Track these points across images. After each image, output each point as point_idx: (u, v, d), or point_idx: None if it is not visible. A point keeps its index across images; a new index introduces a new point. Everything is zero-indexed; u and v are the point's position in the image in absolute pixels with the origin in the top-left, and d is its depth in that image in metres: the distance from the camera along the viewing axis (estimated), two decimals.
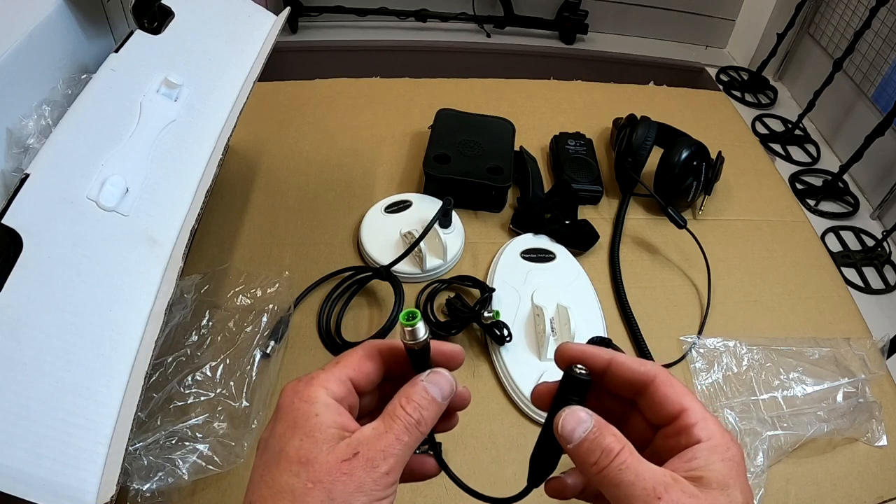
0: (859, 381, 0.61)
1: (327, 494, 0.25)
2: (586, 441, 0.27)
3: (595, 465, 0.27)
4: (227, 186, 0.77)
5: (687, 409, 0.28)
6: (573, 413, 0.28)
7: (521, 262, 0.70)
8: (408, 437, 0.27)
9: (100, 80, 0.50)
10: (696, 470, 0.26)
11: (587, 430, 0.28)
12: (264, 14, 0.67)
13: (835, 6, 1.55)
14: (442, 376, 0.30)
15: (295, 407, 0.27)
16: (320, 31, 1.79)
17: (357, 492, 0.25)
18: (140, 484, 0.47)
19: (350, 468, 0.26)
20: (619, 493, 0.26)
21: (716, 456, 0.26)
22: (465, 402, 0.32)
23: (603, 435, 0.27)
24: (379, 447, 0.26)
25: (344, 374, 0.29)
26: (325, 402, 0.27)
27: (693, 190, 0.77)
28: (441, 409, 0.29)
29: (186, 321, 0.59)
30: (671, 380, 0.29)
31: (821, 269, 0.78)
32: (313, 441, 0.26)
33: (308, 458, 0.26)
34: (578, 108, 0.99)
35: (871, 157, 1.33)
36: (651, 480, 0.25)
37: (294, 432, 0.27)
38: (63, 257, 0.42)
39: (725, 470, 0.26)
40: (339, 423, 0.27)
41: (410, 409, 0.28)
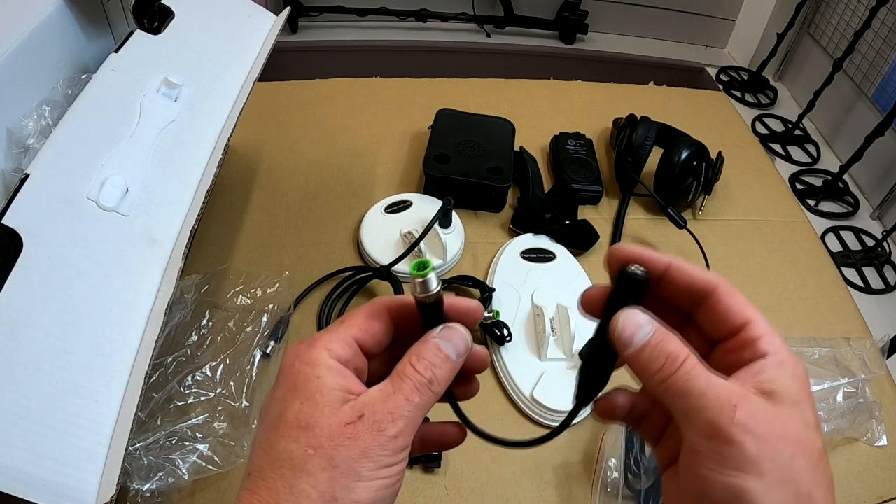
0: (859, 381, 0.61)
1: (329, 461, 0.23)
2: (648, 346, 0.25)
3: (659, 373, 0.24)
4: (227, 186, 0.77)
5: (751, 320, 0.25)
6: (632, 315, 0.25)
7: (521, 262, 0.70)
8: (419, 398, 0.25)
9: (100, 80, 0.50)
10: (766, 383, 0.24)
11: (649, 334, 0.25)
12: (264, 14, 0.67)
13: (835, 6, 1.55)
14: (456, 332, 0.27)
15: (295, 370, 0.25)
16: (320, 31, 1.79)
17: (362, 457, 0.23)
18: (140, 484, 0.47)
19: (354, 432, 0.24)
20: (687, 404, 0.23)
21: (785, 370, 0.24)
22: (483, 363, 0.30)
23: (667, 340, 0.25)
24: (387, 409, 0.24)
25: (349, 334, 0.27)
26: (328, 365, 0.25)
27: (693, 190, 0.77)
28: (455, 367, 0.27)
29: (186, 321, 0.59)
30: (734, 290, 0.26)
31: (821, 269, 0.78)
32: (314, 404, 0.24)
33: (308, 422, 0.24)
34: (578, 108, 0.99)
35: (871, 157, 1.33)
36: (726, 391, 0.23)
37: (294, 396, 0.25)
38: (63, 257, 0.42)
39: (797, 386, 0.24)
40: (342, 385, 0.25)
41: (421, 367, 0.26)
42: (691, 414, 0.23)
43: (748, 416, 0.22)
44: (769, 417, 0.23)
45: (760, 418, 0.23)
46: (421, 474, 0.54)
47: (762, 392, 0.23)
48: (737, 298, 0.26)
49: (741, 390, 0.23)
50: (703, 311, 0.27)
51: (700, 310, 0.27)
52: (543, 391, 0.58)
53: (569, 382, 0.59)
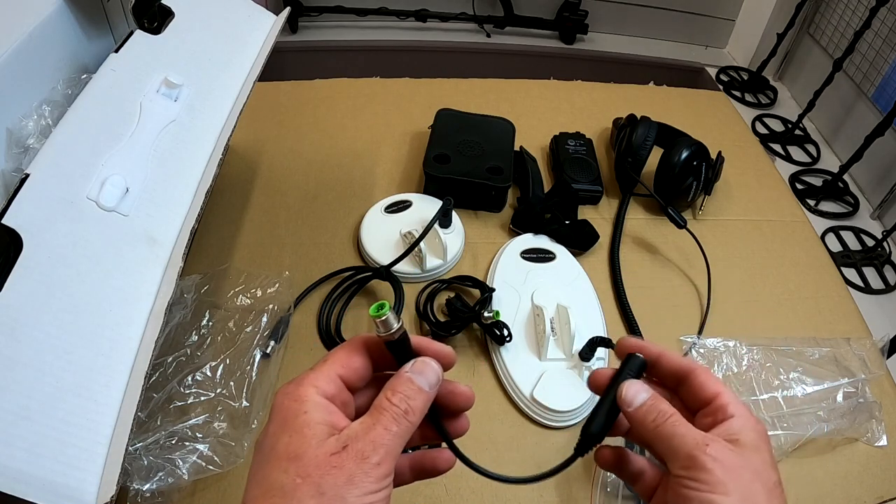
0: (859, 381, 0.61)
1: (317, 489, 0.25)
2: (645, 405, 0.32)
3: (652, 423, 0.31)
4: (227, 186, 0.77)
5: (721, 392, 0.32)
6: (634, 384, 0.33)
7: (521, 262, 0.70)
8: (396, 427, 0.27)
9: (100, 80, 0.50)
10: (732, 434, 0.30)
11: (647, 398, 0.32)
12: (264, 14, 0.67)
13: (835, 6, 1.55)
14: (426, 365, 0.30)
15: (285, 406, 0.28)
16: (320, 31, 1.79)
17: (348, 484, 0.25)
18: (140, 484, 0.47)
19: (339, 461, 0.26)
20: (672, 443, 0.30)
21: (748, 426, 0.31)
22: (468, 401, 0.33)
23: (659, 401, 0.32)
24: (368, 439, 0.27)
25: (332, 371, 0.29)
26: (315, 401, 0.28)
27: (693, 190, 0.77)
28: (429, 397, 0.30)
29: (186, 321, 0.59)
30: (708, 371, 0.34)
31: (821, 269, 0.78)
32: (302, 437, 0.26)
33: (297, 453, 0.26)
34: (578, 108, 0.99)
35: (871, 157, 1.33)
36: (699, 436, 0.30)
37: (283, 430, 0.27)
38: (63, 257, 0.42)
39: (756, 436, 0.31)
40: (328, 420, 0.27)
41: (396, 399, 0.28)
42: (675, 449, 0.30)
43: (717, 451, 0.29)
44: (733, 455, 0.29)
45: (727, 454, 0.29)
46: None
47: (729, 440, 0.30)
48: (709, 376, 0.33)
49: (713, 436, 0.30)
50: (685, 387, 0.34)
51: (683, 386, 0.34)
52: (543, 391, 0.58)
53: (569, 382, 0.59)
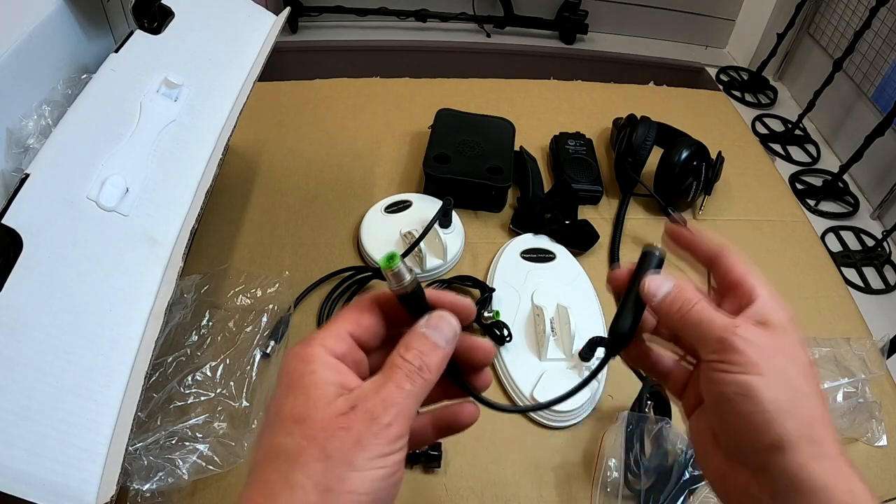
0: (859, 381, 0.61)
1: (322, 451, 0.23)
2: (671, 294, 0.32)
3: (679, 311, 0.31)
4: (227, 186, 0.77)
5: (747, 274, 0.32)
6: (655, 277, 0.33)
7: (521, 262, 0.70)
8: (410, 385, 0.25)
9: (100, 80, 0.50)
10: (760, 316, 0.30)
11: (671, 287, 0.32)
12: (264, 14, 0.67)
13: (835, 6, 1.55)
14: (442, 319, 0.28)
15: (292, 367, 0.26)
16: (320, 31, 1.79)
17: (356, 447, 0.23)
18: (140, 484, 0.47)
19: (347, 422, 0.24)
20: (701, 329, 0.30)
21: (775, 307, 0.31)
22: (488, 355, 0.31)
23: (683, 289, 0.32)
24: (379, 398, 0.25)
25: (343, 329, 0.28)
26: (323, 361, 0.26)
27: (693, 190, 0.77)
28: (445, 354, 0.27)
29: (186, 321, 0.59)
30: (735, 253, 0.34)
31: (821, 269, 0.78)
32: (307, 398, 0.25)
33: (302, 415, 0.24)
34: (578, 108, 0.99)
35: (871, 157, 1.33)
36: (728, 318, 0.30)
37: (289, 392, 0.25)
38: (63, 257, 0.42)
39: (785, 318, 0.30)
40: (337, 380, 0.26)
41: (410, 356, 0.26)
42: (705, 335, 0.30)
43: (747, 332, 0.29)
44: (764, 336, 0.29)
45: (758, 335, 0.29)
46: (421, 474, 0.54)
47: (757, 322, 0.30)
48: (736, 259, 0.33)
49: (741, 319, 0.30)
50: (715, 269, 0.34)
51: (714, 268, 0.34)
52: (543, 391, 0.58)
53: (569, 382, 0.59)
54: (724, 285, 0.33)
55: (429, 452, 0.54)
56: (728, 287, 0.33)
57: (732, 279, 0.32)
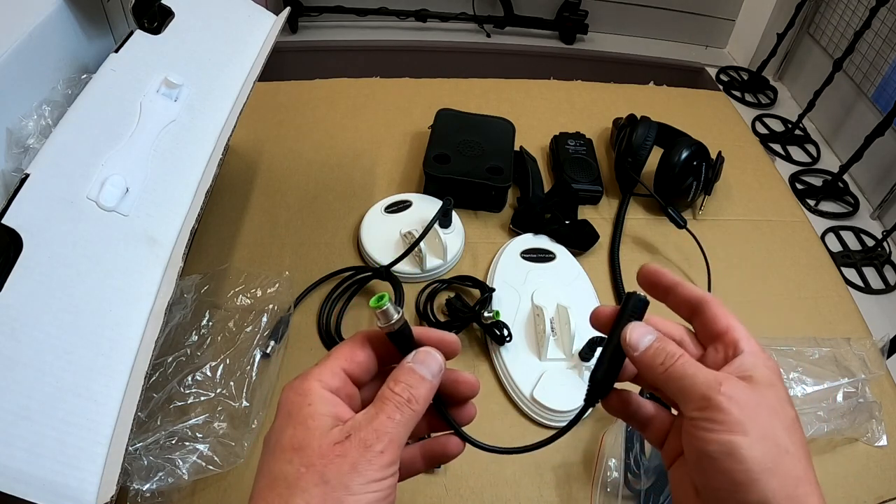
0: (859, 381, 0.61)
1: (321, 477, 0.25)
2: (652, 347, 0.31)
3: (661, 365, 0.30)
4: (227, 186, 0.77)
5: (732, 326, 0.32)
6: (638, 326, 0.32)
7: (521, 262, 0.70)
8: (399, 416, 0.28)
9: (100, 80, 0.50)
10: (744, 371, 0.29)
11: (653, 339, 0.31)
12: (264, 14, 0.67)
13: (835, 6, 1.55)
14: (428, 355, 0.30)
15: (290, 400, 0.28)
16: (320, 31, 1.79)
17: (352, 472, 0.25)
18: (140, 484, 0.47)
19: (343, 450, 0.26)
20: (684, 385, 0.29)
21: (759, 361, 0.30)
22: (472, 389, 0.33)
23: (665, 342, 0.31)
24: (371, 427, 0.27)
25: (336, 365, 0.30)
26: (319, 394, 0.28)
27: (693, 190, 0.77)
28: (432, 386, 0.30)
29: (186, 321, 0.59)
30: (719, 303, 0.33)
31: (821, 269, 0.78)
32: (306, 429, 0.27)
33: (301, 444, 0.26)
34: (578, 108, 0.99)
35: (871, 157, 1.33)
36: (711, 375, 0.29)
37: (288, 422, 0.27)
38: (63, 257, 0.42)
39: (769, 372, 0.30)
40: (332, 412, 0.28)
41: (399, 389, 0.28)
42: (688, 391, 0.29)
43: (731, 389, 0.28)
44: (749, 392, 0.28)
45: (742, 392, 0.28)
46: (421, 474, 0.54)
47: (742, 377, 0.29)
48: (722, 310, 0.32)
49: (725, 374, 0.29)
50: (698, 319, 0.33)
51: (696, 318, 0.33)
52: (543, 391, 0.58)
53: (569, 382, 0.59)
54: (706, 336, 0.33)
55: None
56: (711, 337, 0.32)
57: (716, 330, 0.32)
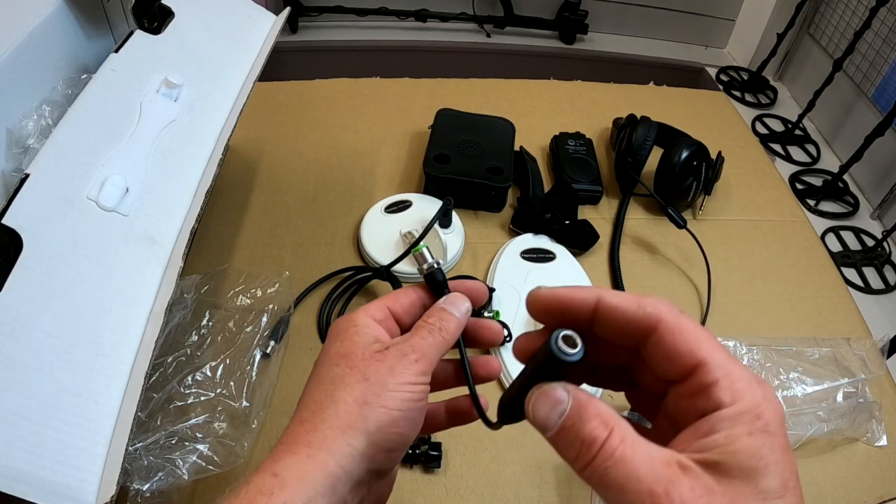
0: (859, 381, 0.61)
1: (362, 375, 0.28)
2: (562, 430, 0.22)
3: (577, 462, 0.21)
4: (227, 186, 0.77)
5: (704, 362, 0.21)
6: (547, 393, 0.23)
7: (521, 262, 0.70)
8: (431, 338, 0.30)
9: (100, 80, 0.50)
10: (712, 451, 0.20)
11: (564, 415, 0.22)
12: (264, 14, 0.67)
13: (835, 6, 1.55)
14: (457, 296, 0.33)
15: (339, 325, 0.31)
16: (320, 31, 1.79)
17: (389, 373, 0.28)
18: (140, 484, 0.47)
19: (383, 356, 0.29)
20: (608, 497, 0.20)
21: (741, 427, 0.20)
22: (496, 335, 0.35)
23: (582, 420, 0.22)
24: (408, 343, 0.30)
25: (383, 303, 0.32)
26: (365, 321, 0.31)
27: (693, 190, 0.77)
28: (460, 322, 0.32)
29: (186, 321, 0.59)
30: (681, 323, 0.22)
31: (821, 269, 0.78)
32: (352, 342, 0.30)
33: (347, 352, 0.30)
34: (578, 108, 0.99)
35: (871, 157, 1.33)
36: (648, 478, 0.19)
37: (336, 339, 0.31)
38: (63, 257, 0.42)
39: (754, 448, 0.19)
40: (374, 334, 0.31)
41: (432, 320, 0.31)
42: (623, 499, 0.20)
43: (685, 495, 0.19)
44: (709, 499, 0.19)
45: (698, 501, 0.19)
46: (421, 474, 0.54)
47: (706, 464, 0.20)
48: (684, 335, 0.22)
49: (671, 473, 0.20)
50: (647, 350, 0.23)
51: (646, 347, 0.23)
52: None
53: None
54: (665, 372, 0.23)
55: (429, 452, 0.54)
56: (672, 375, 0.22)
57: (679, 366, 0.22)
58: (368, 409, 0.28)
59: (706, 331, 0.22)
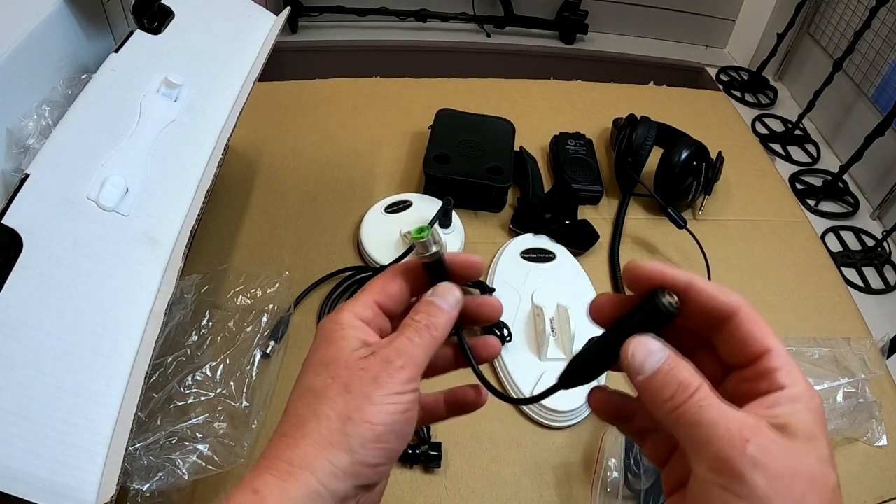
0: (859, 381, 0.61)
1: (345, 387, 0.27)
2: (660, 373, 0.25)
3: (670, 401, 0.24)
4: (227, 186, 0.77)
5: (772, 350, 0.25)
6: (644, 342, 0.25)
7: (521, 262, 0.70)
8: (418, 338, 0.29)
9: (100, 80, 0.50)
10: (781, 417, 0.23)
11: (661, 361, 0.25)
12: (264, 14, 0.67)
13: (835, 6, 1.55)
14: (446, 289, 0.31)
15: (325, 328, 0.30)
16: (320, 31, 1.79)
17: (373, 384, 0.27)
18: (140, 484, 0.47)
19: (366, 364, 0.28)
20: (698, 434, 0.23)
21: (801, 404, 0.24)
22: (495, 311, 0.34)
23: (679, 368, 0.25)
24: (393, 347, 0.29)
25: (369, 298, 0.31)
26: (351, 322, 0.30)
27: (693, 190, 0.77)
28: (450, 316, 0.31)
29: (186, 321, 0.59)
30: (756, 314, 0.25)
31: (821, 269, 0.78)
32: (336, 348, 0.29)
33: (330, 360, 0.28)
34: (578, 108, 0.99)
35: (871, 157, 1.33)
36: (736, 422, 0.23)
37: (321, 344, 0.30)
38: (63, 257, 0.42)
39: (812, 420, 0.23)
40: (361, 336, 0.29)
41: (419, 317, 0.30)
42: (702, 445, 0.23)
43: (760, 450, 0.22)
44: (782, 453, 0.22)
45: (773, 453, 0.22)
46: (421, 474, 0.54)
47: (776, 426, 0.23)
48: (759, 325, 0.25)
49: (754, 423, 0.23)
50: (721, 335, 0.26)
51: (719, 333, 0.26)
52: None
53: None
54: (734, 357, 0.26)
55: (429, 452, 0.54)
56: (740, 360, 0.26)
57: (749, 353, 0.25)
58: (351, 426, 0.26)
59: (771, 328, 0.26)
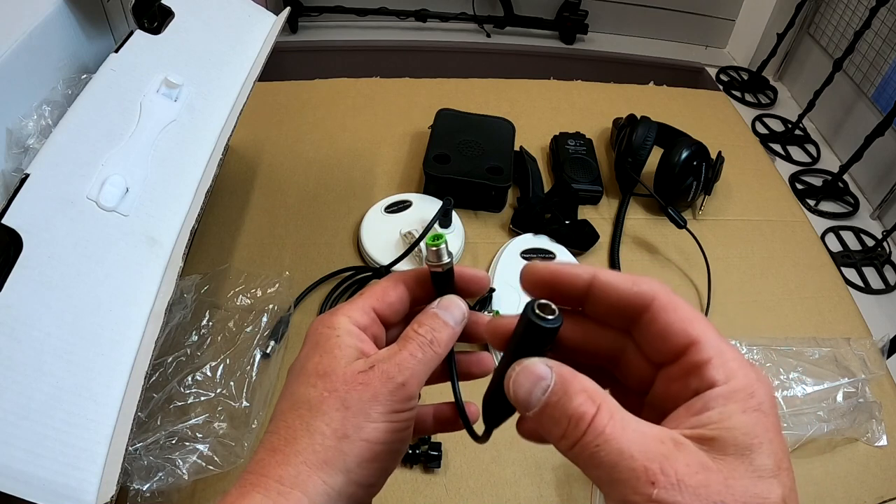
0: (859, 381, 0.61)
1: (342, 402, 0.25)
2: (547, 407, 0.21)
3: (563, 440, 0.20)
4: (227, 186, 0.77)
5: (697, 340, 0.21)
6: (528, 369, 0.22)
7: (521, 263, 0.70)
8: (421, 354, 0.27)
9: (100, 80, 0.50)
10: (706, 427, 0.19)
11: (547, 391, 0.21)
12: (264, 14, 0.67)
13: (835, 6, 1.55)
14: (452, 302, 0.30)
15: (318, 332, 0.28)
16: (320, 31, 1.79)
17: (372, 401, 0.25)
18: (140, 484, 0.47)
19: (366, 378, 0.26)
20: (599, 477, 0.19)
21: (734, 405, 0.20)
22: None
23: (568, 396, 0.20)
24: (394, 362, 0.27)
25: (367, 303, 0.29)
26: (347, 328, 0.28)
27: (693, 190, 0.77)
28: (454, 332, 0.29)
29: (186, 321, 0.59)
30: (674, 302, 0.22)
31: (821, 269, 0.78)
32: (332, 357, 0.27)
33: (326, 371, 0.26)
34: (578, 108, 0.99)
35: (871, 157, 1.33)
36: (642, 455, 0.19)
37: (315, 351, 0.27)
38: (63, 257, 0.42)
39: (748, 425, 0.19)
40: (358, 346, 0.28)
41: (423, 330, 0.28)
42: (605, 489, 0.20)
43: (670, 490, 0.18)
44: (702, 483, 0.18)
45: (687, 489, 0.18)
46: (421, 474, 0.54)
47: (702, 440, 0.19)
48: (678, 312, 0.22)
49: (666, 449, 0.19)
50: (639, 331, 0.23)
51: (636, 328, 0.23)
52: None
53: None
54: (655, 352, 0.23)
55: (429, 452, 0.54)
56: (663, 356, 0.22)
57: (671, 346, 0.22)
58: (348, 444, 0.25)
59: (699, 311, 0.22)
